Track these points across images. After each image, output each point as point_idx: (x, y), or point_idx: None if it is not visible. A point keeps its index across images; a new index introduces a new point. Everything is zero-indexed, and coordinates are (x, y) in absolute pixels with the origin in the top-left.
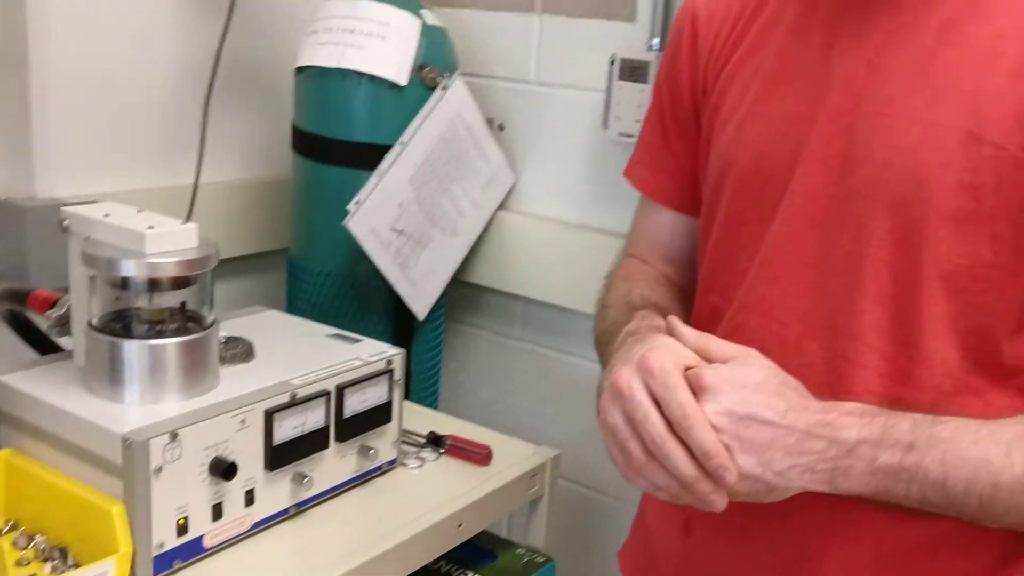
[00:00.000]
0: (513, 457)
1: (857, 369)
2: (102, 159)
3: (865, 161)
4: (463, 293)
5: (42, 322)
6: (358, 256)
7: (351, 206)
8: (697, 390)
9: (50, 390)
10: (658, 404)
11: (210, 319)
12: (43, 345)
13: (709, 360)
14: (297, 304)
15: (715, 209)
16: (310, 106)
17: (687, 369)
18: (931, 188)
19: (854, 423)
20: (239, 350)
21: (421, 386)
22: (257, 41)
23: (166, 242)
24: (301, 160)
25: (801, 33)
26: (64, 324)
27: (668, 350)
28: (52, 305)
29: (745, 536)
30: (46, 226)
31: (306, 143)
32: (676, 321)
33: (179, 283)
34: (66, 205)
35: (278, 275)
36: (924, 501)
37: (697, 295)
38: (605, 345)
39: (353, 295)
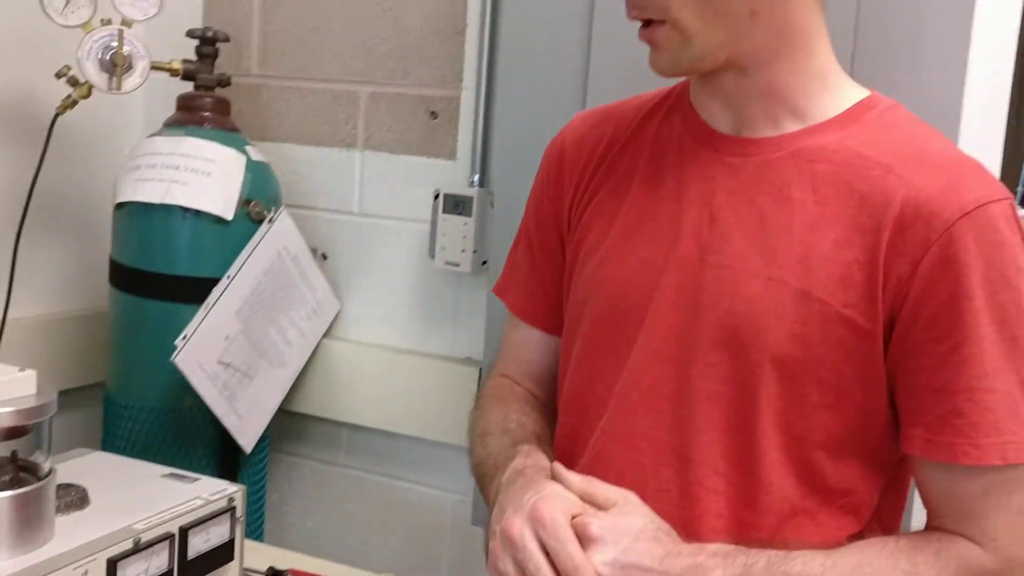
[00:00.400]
0: None
1: (707, 493)
2: None
3: (710, 307)
4: (287, 423)
5: None
6: (182, 390)
7: (178, 341)
8: (584, 539)
9: None
10: (547, 553)
11: (46, 468)
12: None
13: (594, 503)
14: (115, 441)
15: (574, 335)
16: (131, 240)
17: (574, 517)
18: (766, 336)
19: (719, 564)
20: (73, 497)
21: (247, 519)
22: (71, 175)
23: (2, 390)
24: (120, 294)
25: (653, 184)
26: None
27: (557, 499)
28: None
29: None
30: None
31: (126, 277)
32: (560, 468)
33: (15, 432)
34: None
35: (91, 411)
36: None
37: (560, 413)
38: (486, 476)
39: (176, 430)
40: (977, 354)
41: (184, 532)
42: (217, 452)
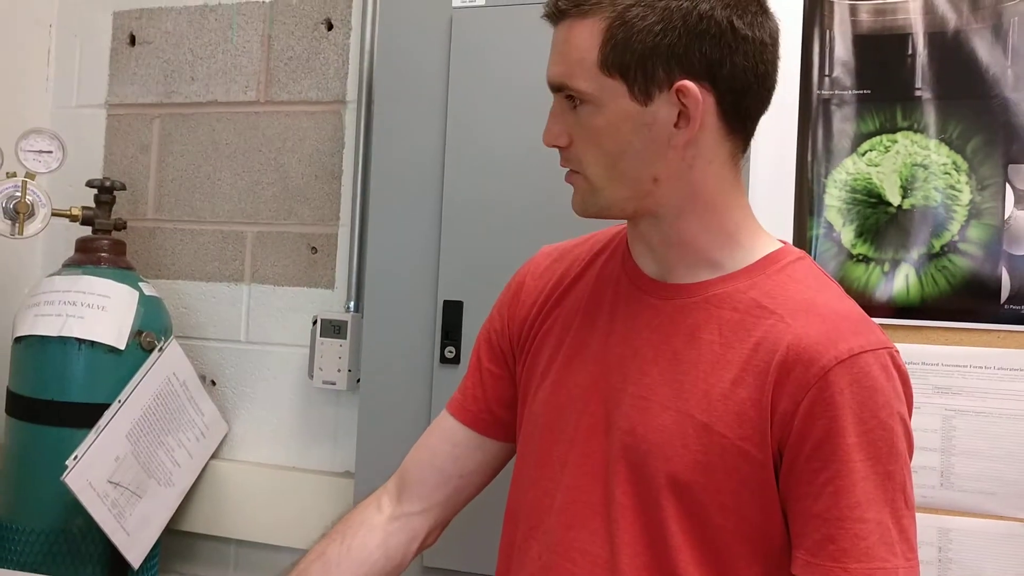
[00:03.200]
0: None
1: None
2: None
3: (629, 433)
4: (177, 542)
5: None
6: (72, 511)
7: (69, 461)
8: None
9: None
10: None
11: None
12: None
13: None
14: (5, 565)
15: (518, 452)
16: (27, 371)
17: None
18: (674, 462)
19: None
20: None
21: None
22: None
23: None
24: (15, 423)
25: (592, 318)
26: None
27: None
28: None
29: None
30: None
31: (21, 406)
32: None
33: None
34: None
35: None
36: None
37: (505, 521)
38: None
39: (66, 550)
40: (849, 486)
41: None
42: (107, 570)
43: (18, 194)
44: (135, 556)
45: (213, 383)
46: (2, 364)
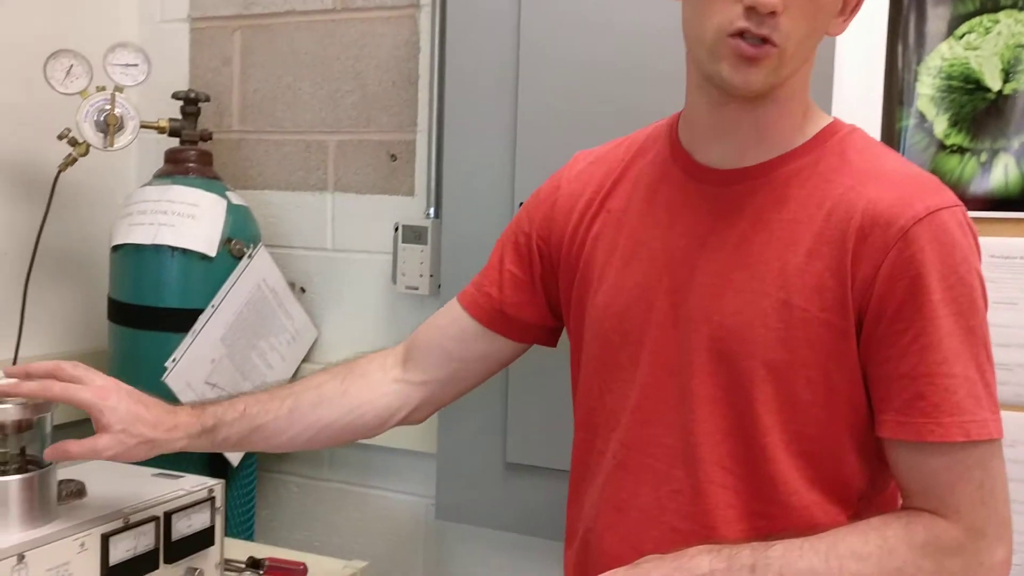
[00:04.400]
0: (326, 572)
1: (718, 489)
2: None
3: (702, 322)
4: None
5: None
6: None
7: (168, 363)
8: None
9: None
10: None
11: (48, 459)
12: None
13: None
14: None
15: (584, 360)
16: (126, 279)
17: None
18: (756, 343)
19: (704, 558)
20: (73, 488)
21: (237, 530)
22: (73, 225)
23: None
24: (118, 328)
25: (647, 216)
26: None
27: None
28: None
29: None
30: None
31: (122, 312)
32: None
33: (21, 427)
34: None
35: None
36: None
37: (577, 427)
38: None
39: None
40: (936, 342)
41: (168, 516)
42: (207, 469)
43: (108, 107)
44: (233, 455)
45: (303, 290)
46: (103, 273)
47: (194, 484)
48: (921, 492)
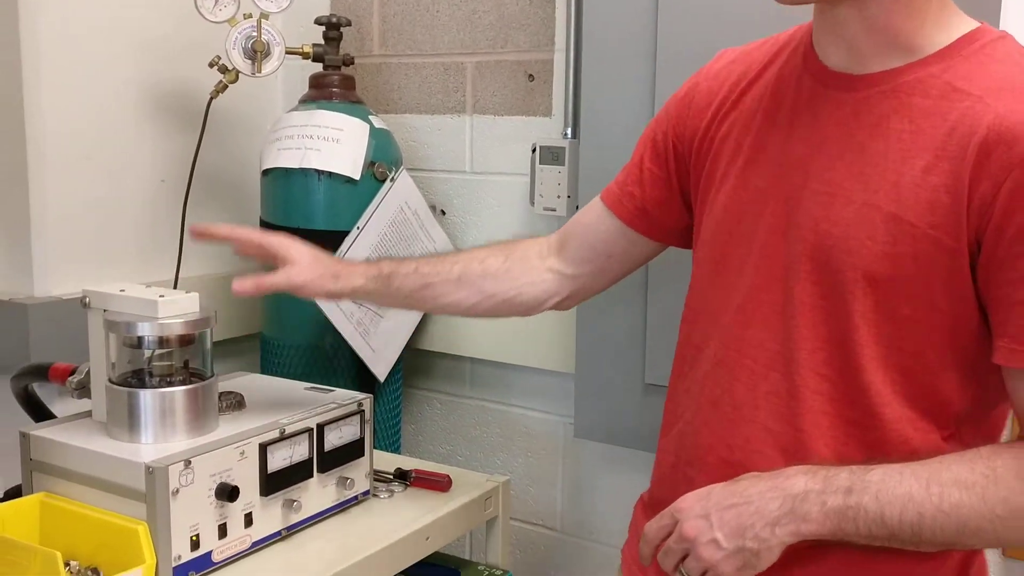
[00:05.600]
0: (470, 484)
1: (812, 394)
2: (91, 260)
3: (810, 230)
4: (417, 360)
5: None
6: (323, 329)
7: None
8: (676, 513)
9: (78, 438)
10: None
11: (210, 373)
12: (46, 417)
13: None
14: (270, 373)
15: (696, 259)
16: (276, 202)
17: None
18: (860, 255)
19: (801, 479)
20: (233, 400)
21: (385, 443)
22: (224, 151)
23: (175, 307)
24: None
25: (772, 118)
26: (83, 388)
27: None
28: (72, 373)
29: None
30: (44, 321)
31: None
32: None
33: (184, 341)
34: (62, 300)
35: (251, 357)
36: (871, 536)
37: (682, 322)
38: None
39: (320, 364)
40: None
41: (321, 428)
42: (355, 383)
43: (255, 34)
44: (380, 371)
45: (443, 212)
46: (254, 195)
47: (344, 398)
48: None
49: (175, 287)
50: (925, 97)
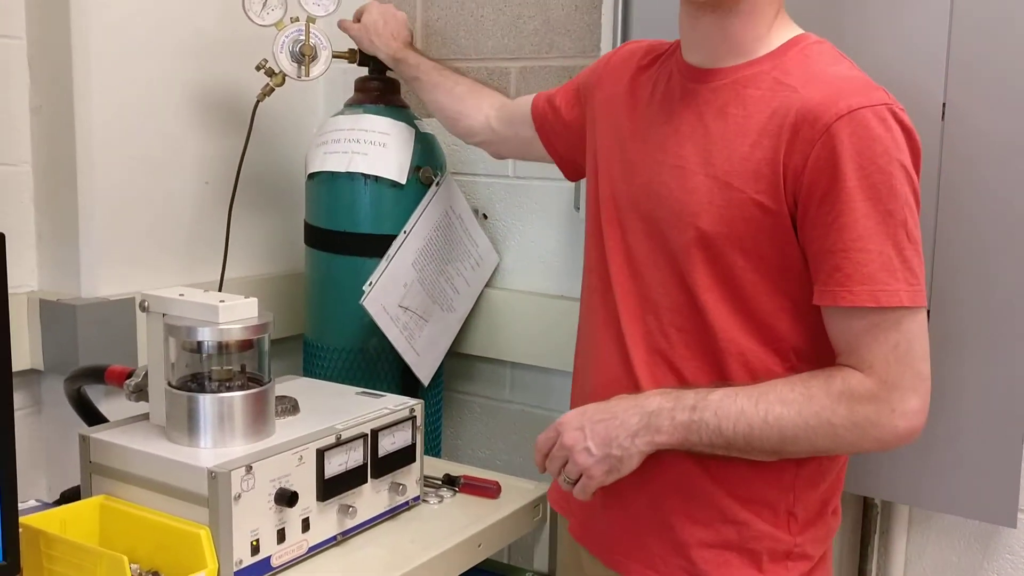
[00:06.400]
0: (518, 491)
1: (675, 332)
2: (138, 261)
3: (666, 196)
4: (457, 363)
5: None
6: (368, 333)
7: (365, 287)
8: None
9: (138, 442)
10: None
11: (267, 378)
12: (96, 419)
13: None
14: (313, 376)
15: (589, 213)
16: (321, 206)
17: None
18: (702, 217)
19: (656, 398)
20: (287, 405)
21: (426, 448)
22: (269, 154)
23: (234, 312)
24: (314, 252)
25: (648, 105)
26: (140, 391)
27: None
28: (129, 376)
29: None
30: (92, 321)
31: (319, 237)
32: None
33: (244, 346)
34: (109, 301)
35: (294, 358)
36: (712, 445)
37: (582, 277)
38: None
39: (363, 368)
40: (851, 222)
41: (375, 434)
42: (399, 386)
43: (303, 37)
44: (424, 374)
45: (485, 217)
46: (298, 198)
47: (396, 404)
48: (846, 351)
49: (220, 288)
50: (757, 88)
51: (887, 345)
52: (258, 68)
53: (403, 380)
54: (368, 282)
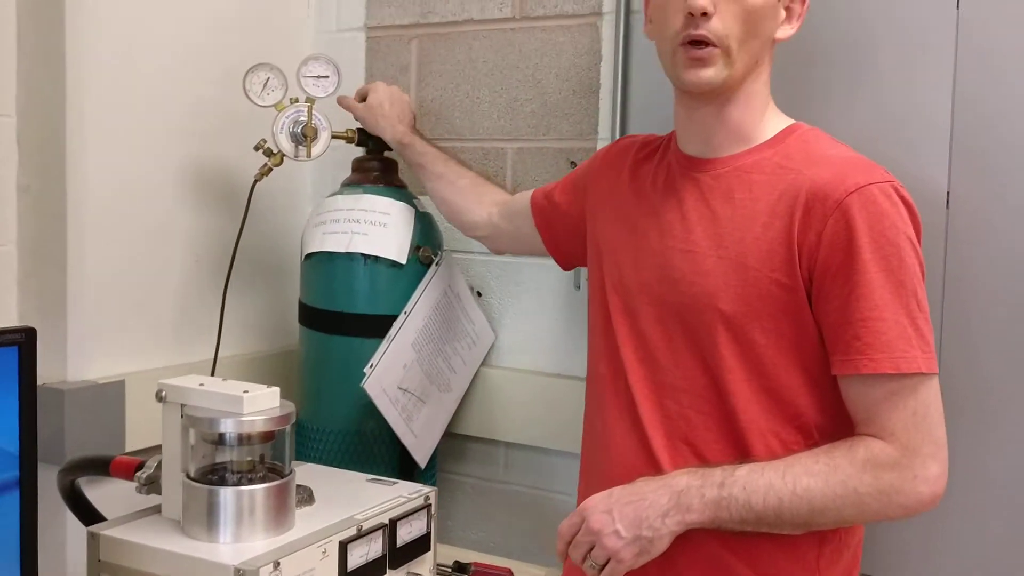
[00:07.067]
0: None
1: (697, 415)
2: (127, 342)
3: (680, 280)
4: (451, 444)
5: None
6: (364, 414)
7: (366, 369)
8: (578, 513)
9: (153, 538)
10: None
11: (288, 468)
12: (91, 515)
13: None
14: (306, 460)
15: (594, 301)
16: (318, 286)
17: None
18: (719, 297)
19: (683, 477)
20: (304, 495)
21: None
22: (259, 231)
23: (258, 403)
24: (310, 332)
25: (650, 195)
26: (153, 483)
27: None
28: (139, 467)
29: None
30: (80, 406)
31: (315, 317)
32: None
33: (266, 437)
34: (98, 385)
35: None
36: (743, 521)
37: (588, 365)
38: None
39: (359, 450)
40: (868, 293)
41: (394, 523)
42: (395, 470)
43: (303, 118)
44: (422, 457)
45: (479, 294)
46: (291, 277)
47: (411, 491)
48: (866, 420)
49: (213, 369)
50: (761, 173)
51: (906, 412)
52: (257, 148)
53: (400, 463)
54: (369, 364)
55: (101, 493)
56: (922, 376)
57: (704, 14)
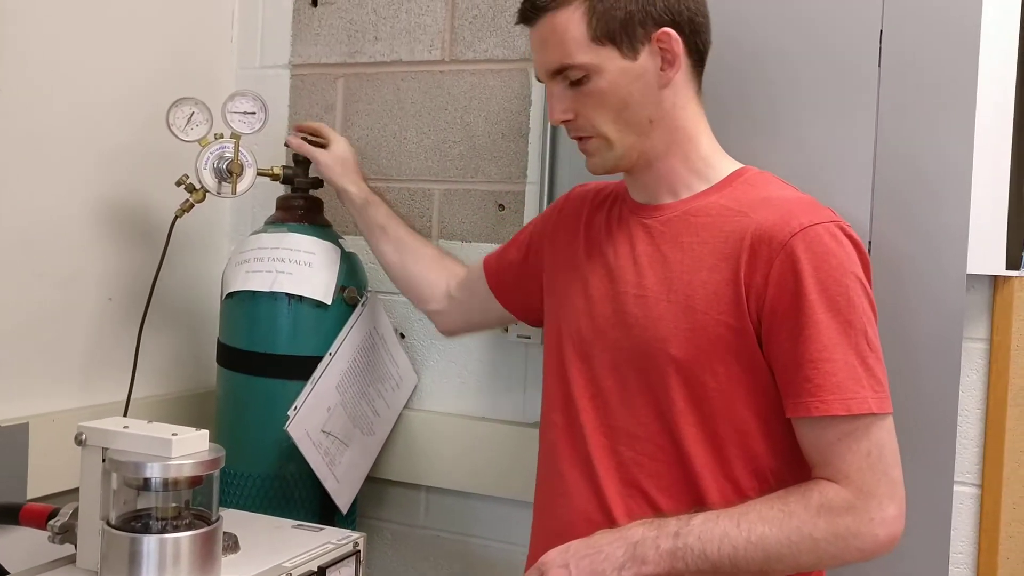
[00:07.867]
0: None
1: (650, 461)
2: (31, 383)
3: (634, 325)
4: (370, 488)
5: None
6: (285, 457)
7: (290, 412)
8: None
9: None
10: None
11: (215, 514)
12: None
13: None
14: (223, 506)
15: (549, 351)
16: (239, 326)
17: None
18: (670, 342)
19: (639, 529)
20: (228, 542)
21: None
22: (175, 270)
23: (187, 446)
24: (228, 373)
25: (602, 242)
26: (67, 531)
27: None
28: (51, 515)
29: None
30: None
31: (235, 358)
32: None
33: (194, 482)
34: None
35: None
36: (699, 570)
37: (542, 415)
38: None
39: (279, 495)
40: (816, 334)
41: (323, 571)
42: (316, 515)
43: (229, 155)
44: (343, 502)
45: (402, 336)
46: (210, 316)
47: (339, 537)
48: (820, 463)
49: (126, 410)
50: (707, 216)
51: (860, 454)
52: (178, 183)
53: (321, 508)
54: (293, 406)
55: (5, 542)
56: (874, 416)
57: (565, 122)
